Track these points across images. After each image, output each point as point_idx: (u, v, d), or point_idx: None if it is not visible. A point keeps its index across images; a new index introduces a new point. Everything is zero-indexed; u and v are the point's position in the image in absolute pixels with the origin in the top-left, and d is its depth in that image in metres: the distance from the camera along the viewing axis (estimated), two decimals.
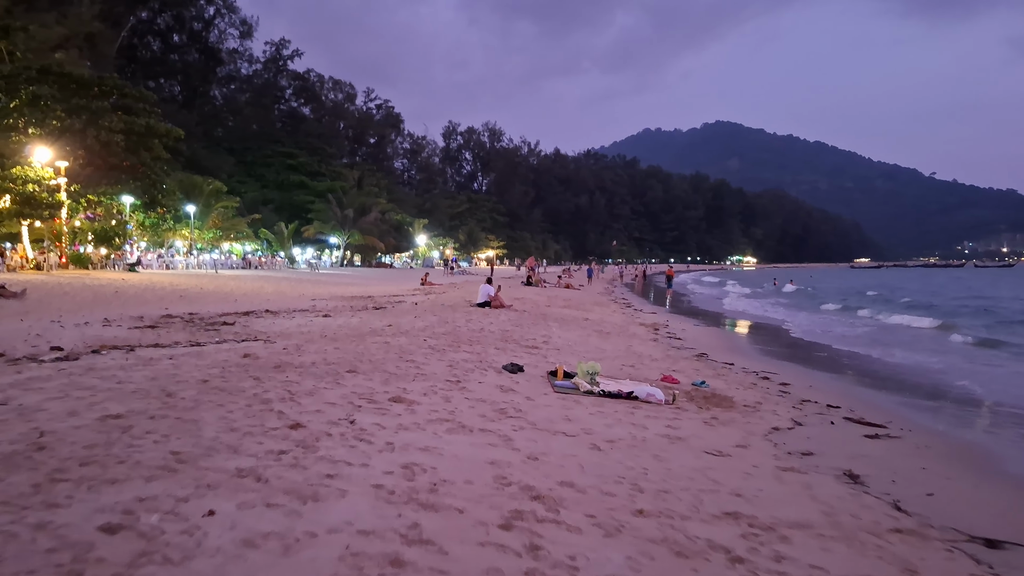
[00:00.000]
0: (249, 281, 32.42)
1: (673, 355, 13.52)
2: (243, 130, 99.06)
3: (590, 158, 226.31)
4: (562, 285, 38.87)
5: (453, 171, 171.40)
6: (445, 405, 6.67)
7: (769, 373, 12.27)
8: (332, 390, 6.81)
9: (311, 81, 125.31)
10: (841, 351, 17.50)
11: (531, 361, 10.20)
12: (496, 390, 7.72)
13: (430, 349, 10.13)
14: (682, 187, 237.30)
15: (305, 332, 12.01)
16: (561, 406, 7.27)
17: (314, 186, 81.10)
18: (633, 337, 16.34)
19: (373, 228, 77.67)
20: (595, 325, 18.01)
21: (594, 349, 12.86)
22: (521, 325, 15.47)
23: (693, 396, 8.66)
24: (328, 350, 9.58)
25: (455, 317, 15.84)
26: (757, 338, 20.60)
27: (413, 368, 8.47)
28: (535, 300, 24.98)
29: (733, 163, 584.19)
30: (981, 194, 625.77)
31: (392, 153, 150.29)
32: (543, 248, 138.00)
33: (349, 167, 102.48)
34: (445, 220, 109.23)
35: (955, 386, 12.13)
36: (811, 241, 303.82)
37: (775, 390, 10.26)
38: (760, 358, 15.41)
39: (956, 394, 11.43)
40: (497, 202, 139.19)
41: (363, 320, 14.57)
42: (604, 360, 11.38)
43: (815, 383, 11.84)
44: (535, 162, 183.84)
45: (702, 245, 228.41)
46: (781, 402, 9.12)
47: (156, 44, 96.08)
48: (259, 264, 55.56)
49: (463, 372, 8.54)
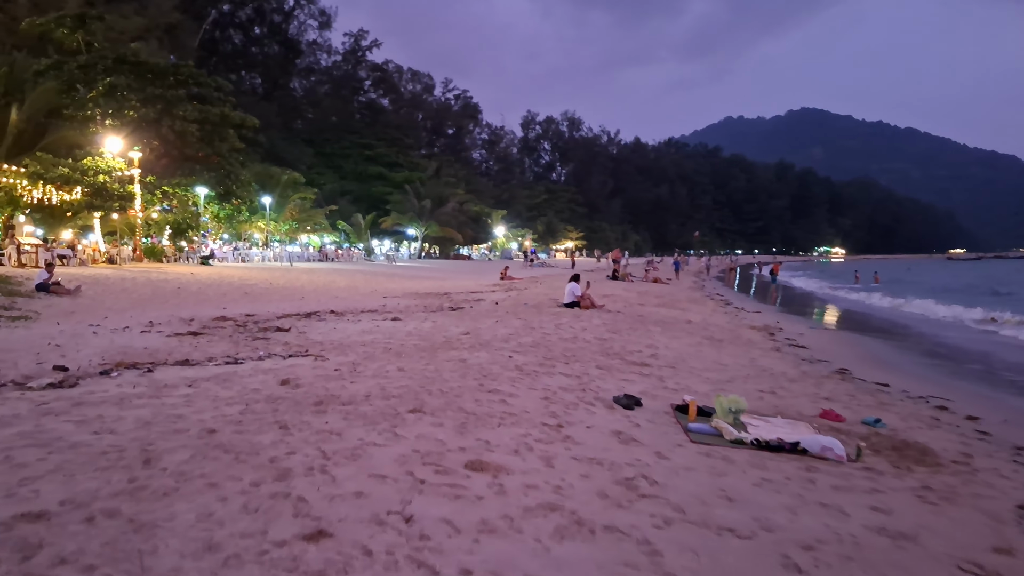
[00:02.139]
0: (322, 275, 31.05)
1: (808, 372, 11.13)
2: (322, 122, 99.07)
3: (670, 147, 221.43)
4: (650, 279, 36.42)
5: (531, 161, 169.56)
6: (546, 474, 4.57)
7: (939, 398, 9.79)
8: (386, 447, 4.79)
9: (389, 72, 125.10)
10: (994, 358, 14.79)
11: (645, 387, 8.03)
12: (613, 439, 5.60)
13: (517, 370, 8.06)
14: (765, 176, 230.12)
15: (368, 343, 10.10)
16: (709, 469, 5.10)
17: (392, 177, 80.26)
18: (751, 346, 13.96)
19: (451, 219, 76.35)
20: (701, 329, 15.67)
21: (713, 364, 10.59)
22: (619, 331, 13.28)
23: (875, 444, 6.37)
24: (390, 372, 7.61)
25: (542, 321, 13.76)
26: (890, 344, 17.91)
27: (498, 402, 6.41)
28: (626, 297, 22.71)
29: (818, 151, 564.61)
30: None
31: (470, 144, 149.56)
32: (623, 239, 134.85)
33: (427, 158, 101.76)
34: (523, 211, 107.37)
35: None
36: (901, 231, 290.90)
37: (968, 429, 7.84)
38: (911, 373, 12.87)
39: None
40: (576, 192, 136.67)
41: (437, 325, 12.61)
42: (731, 382, 9.13)
43: (1002, 411, 9.34)
44: (614, 151, 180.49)
45: (787, 236, 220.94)
46: (993, 452, 6.74)
47: (237, 37, 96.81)
48: (335, 256, 54.57)
49: (563, 408, 6.43)
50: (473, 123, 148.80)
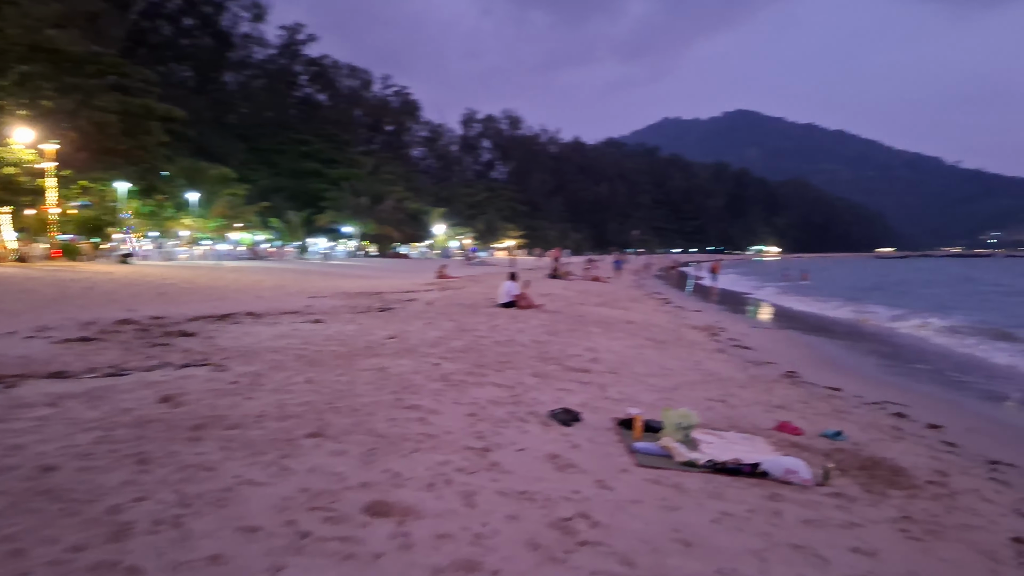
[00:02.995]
0: (250, 274, 29.66)
1: (757, 375, 10.51)
2: (256, 116, 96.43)
3: (610, 146, 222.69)
4: (590, 277, 35.83)
5: (471, 159, 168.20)
6: (466, 517, 3.73)
7: (895, 403, 9.26)
8: (267, 487, 3.88)
9: (326, 67, 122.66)
10: (939, 357, 14.48)
11: (585, 397, 7.24)
12: (547, 466, 4.78)
13: (443, 380, 7.18)
14: (703, 176, 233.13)
15: (280, 349, 9.11)
16: (659, 502, 4.31)
17: (328, 174, 78.34)
18: (695, 347, 13.34)
19: (389, 217, 74.94)
20: (643, 329, 15.01)
21: (657, 369, 9.88)
22: (558, 332, 12.51)
23: (840, 462, 5.69)
24: (296, 385, 6.67)
25: (476, 323, 12.91)
26: (833, 343, 17.55)
27: (416, 421, 5.53)
28: (566, 296, 22.00)
29: (753, 152, 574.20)
30: (1006, 183, 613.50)
31: (409, 141, 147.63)
32: (563, 238, 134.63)
33: (365, 155, 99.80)
34: (463, 209, 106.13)
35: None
36: (834, 230, 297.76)
37: (934, 440, 7.27)
38: (860, 374, 12.41)
39: None
40: (516, 191, 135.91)
41: (361, 328, 11.65)
42: (678, 389, 8.43)
43: (962, 417, 8.84)
44: (555, 150, 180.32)
45: (724, 234, 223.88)
46: (967, 469, 6.14)
47: (167, 28, 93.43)
48: (267, 255, 52.86)
49: (492, 426, 5.59)
50: (412, 120, 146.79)
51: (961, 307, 29.43)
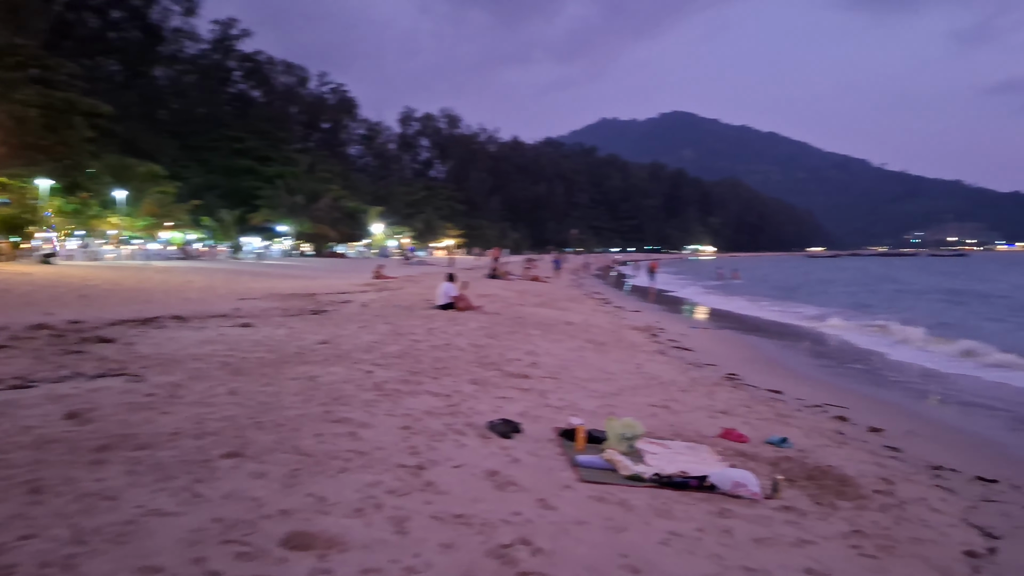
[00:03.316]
0: (180, 274, 28.68)
1: (698, 378, 10.39)
2: (188, 113, 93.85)
3: (549, 146, 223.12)
4: (529, 277, 35.64)
5: (410, 158, 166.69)
6: (396, 547, 3.40)
7: (835, 406, 9.23)
8: (174, 518, 3.49)
9: (261, 63, 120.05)
10: (874, 356, 14.66)
11: (525, 405, 6.97)
12: (486, 484, 4.48)
13: (376, 390, 6.82)
14: (640, 176, 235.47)
15: (204, 356, 8.61)
16: (605, 522, 4.05)
17: (263, 171, 76.60)
18: (635, 349, 13.21)
19: (325, 216, 73.64)
20: (583, 331, 14.83)
21: (598, 373, 9.67)
22: (497, 336, 12.22)
23: (787, 471, 5.54)
24: (218, 397, 6.23)
25: (413, 326, 12.54)
26: (770, 343, 17.67)
27: (345, 436, 5.16)
28: (505, 297, 21.74)
29: (688, 153, 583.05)
30: (929, 184, 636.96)
31: (346, 139, 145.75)
32: (502, 237, 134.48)
33: (301, 152, 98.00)
34: (401, 208, 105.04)
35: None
36: (766, 230, 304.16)
37: (876, 445, 7.20)
38: (798, 375, 12.44)
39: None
40: (455, 190, 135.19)
41: (292, 332, 11.18)
42: (620, 395, 8.23)
43: (900, 419, 8.84)
44: (493, 149, 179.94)
45: (660, 234, 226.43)
46: (911, 475, 6.05)
47: (93, 20, 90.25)
48: (199, 254, 51.38)
49: (427, 440, 5.26)
50: (349, 118, 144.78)
51: (881, 306, 30.21)
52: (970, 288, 45.60)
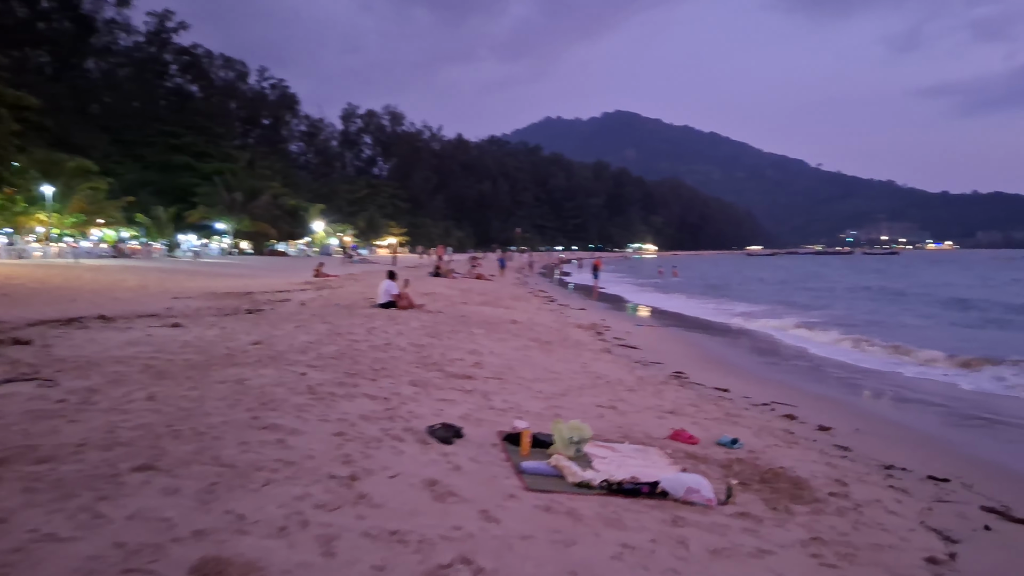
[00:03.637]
0: (111, 273, 27.63)
1: (645, 377, 10.21)
2: (122, 107, 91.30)
3: (493, 144, 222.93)
4: (474, 275, 35.33)
5: (352, 155, 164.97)
6: (323, 572, 3.06)
7: (783, 404, 9.13)
8: (67, 544, 3.08)
9: (199, 57, 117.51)
10: (815, 356, 14.70)
11: (468, 408, 6.66)
12: (424, 495, 4.15)
13: (309, 393, 6.42)
14: (584, 175, 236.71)
15: (126, 359, 8.08)
16: (552, 535, 3.76)
17: (200, 168, 74.77)
18: (580, 347, 12.99)
19: (265, 213, 72.17)
20: (528, 330, 14.58)
21: (544, 373, 9.41)
22: (439, 335, 11.88)
23: (740, 474, 5.34)
24: (135, 403, 5.77)
25: (352, 325, 12.11)
26: (713, 340, 17.66)
27: (273, 444, 4.77)
28: (448, 296, 21.38)
29: (631, 152, 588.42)
30: (862, 184, 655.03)
31: (287, 136, 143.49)
32: (446, 235, 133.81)
33: (240, 149, 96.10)
34: (344, 206, 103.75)
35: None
36: (707, 229, 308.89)
37: (826, 444, 7.08)
38: (743, 372, 12.37)
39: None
40: (398, 187, 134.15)
41: (224, 333, 10.66)
42: (566, 395, 7.97)
43: (847, 416, 8.76)
44: (437, 147, 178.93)
45: (604, 233, 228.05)
46: (864, 475, 5.91)
47: (21, 10, 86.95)
48: (132, 253, 49.77)
49: (362, 447, 4.91)
50: (291, 114, 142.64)
51: (812, 304, 30.74)
52: (894, 286, 46.68)
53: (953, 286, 45.82)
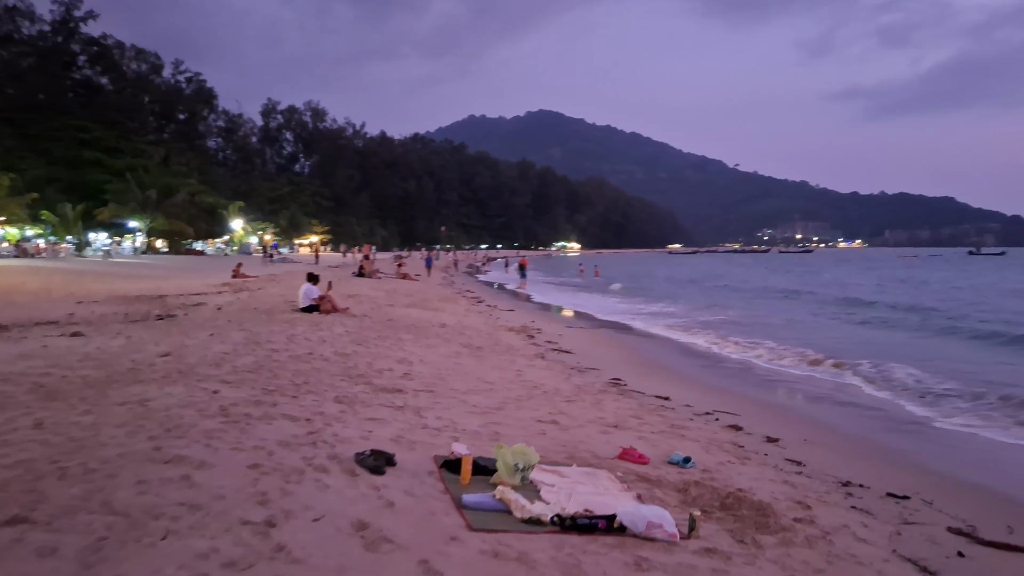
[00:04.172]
0: (12, 275, 25.93)
1: (583, 385, 9.80)
2: (26, 99, 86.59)
3: (417, 142, 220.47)
4: (399, 275, 34.56)
5: (273, 152, 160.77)
6: None
7: (725, 412, 8.84)
8: None
9: (109, 47, 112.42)
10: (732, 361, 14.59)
11: (400, 427, 6.10)
12: (353, 543, 3.59)
13: (222, 415, 5.75)
14: (509, 174, 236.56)
15: (12, 376, 7.22)
16: None
17: (111, 164, 71.57)
18: (513, 353, 12.53)
19: (180, 211, 69.59)
20: (458, 334, 14.05)
21: (477, 383, 8.90)
22: (365, 342, 11.26)
23: (698, 499, 4.94)
24: (17, 433, 5.02)
25: (271, 332, 11.37)
26: (644, 343, 17.42)
27: (177, 482, 4.12)
28: (373, 297, 20.69)
29: (556, 151, 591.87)
30: (778, 185, 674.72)
31: (205, 131, 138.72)
32: (370, 234, 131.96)
33: (154, 144, 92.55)
34: (264, 204, 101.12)
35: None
36: (631, 228, 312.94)
37: (779, 459, 6.76)
38: (680, 377, 12.09)
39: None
40: (321, 185, 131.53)
41: (130, 343, 9.81)
42: (503, 409, 7.49)
43: (790, 424, 8.52)
44: (361, 145, 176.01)
45: (529, 231, 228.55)
46: (824, 495, 5.59)
47: None
48: (37, 252, 47.25)
49: (281, 482, 4.30)
50: (208, 109, 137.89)
51: (728, 304, 31.10)
52: (790, 286, 47.31)
53: (849, 285, 47.55)
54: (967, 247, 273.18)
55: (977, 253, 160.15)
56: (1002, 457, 7.73)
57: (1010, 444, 8.20)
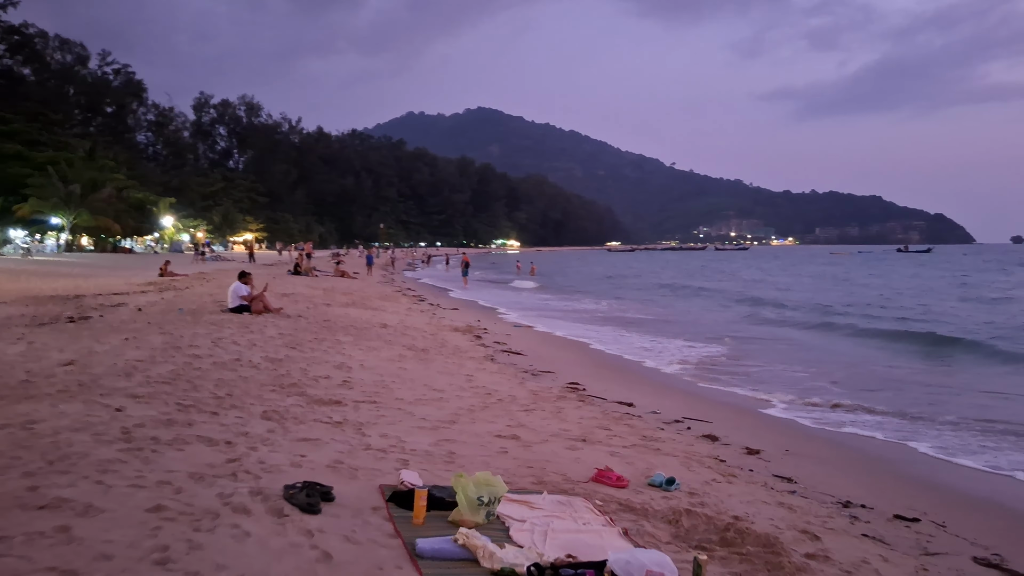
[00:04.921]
0: None
1: (539, 391, 9.03)
2: None
3: (355, 138, 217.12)
4: (338, 273, 33.38)
5: (206, 147, 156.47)
6: None
7: (694, 419, 8.18)
8: None
9: (30, 36, 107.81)
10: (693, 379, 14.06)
11: (338, 449, 5.23)
12: None
13: (123, 440, 4.80)
14: (448, 170, 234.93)
15: None
16: None
17: (32, 157, 68.13)
18: (461, 355, 11.71)
19: (107, 207, 66.73)
20: (400, 335, 13.17)
21: (425, 390, 8.06)
22: (300, 345, 10.31)
23: (695, 533, 4.21)
24: None
25: (195, 335, 10.32)
26: (591, 339, 16.76)
27: (52, 536, 3.20)
28: (310, 296, 19.63)
29: (494, 148, 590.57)
30: (713, 183, 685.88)
31: (134, 125, 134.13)
32: (307, 231, 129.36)
33: (80, 138, 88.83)
34: (197, 200, 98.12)
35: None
36: (570, 225, 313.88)
37: (765, 475, 6.12)
38: (638, 379, 11.42)
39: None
40: (256, 181, 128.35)
41: (31, 349, 8.69)
42: (456, 423, 6.67)
43: (762, 430, 7.91)
44: (297, 140, 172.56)
45: (469, 228, 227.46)
46: (827, 519, 4.93)
47: None
48: None
49: (188, 532, 3.42)
50: (137, 102, 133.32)
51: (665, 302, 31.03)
52: (696, 283, 47.58)
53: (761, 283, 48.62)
54: (894, 244, 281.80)
55: (905, 251, 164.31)
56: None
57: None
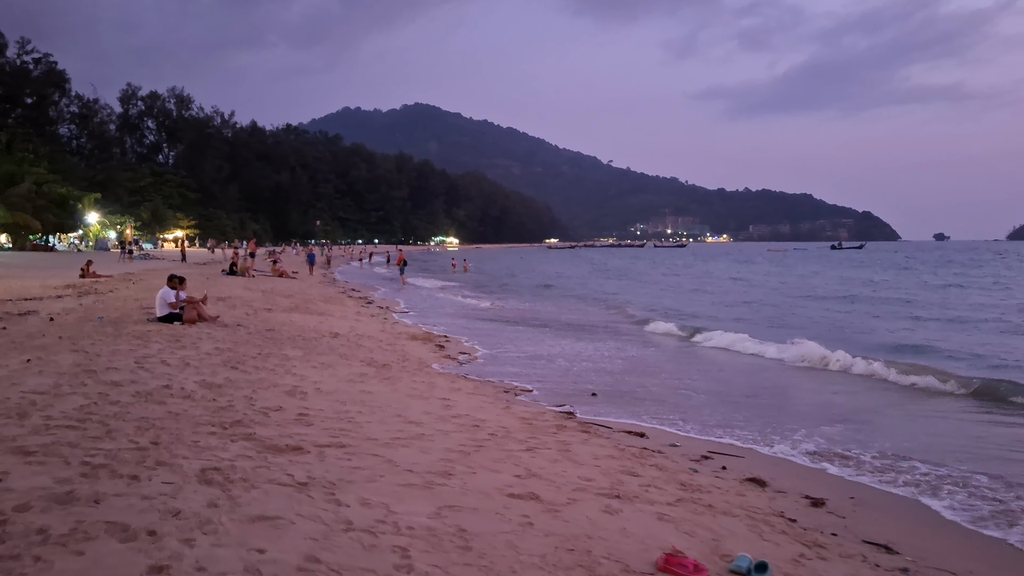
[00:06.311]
0: None
1: (527, 418, 7.67)
2: None
3: (290, 133, 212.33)
4: (277, 273, 31.45)
5: (134, 141, 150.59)
6: None
7: (724, 454, 6.90)
8: None
9: None
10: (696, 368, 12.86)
11: (307, 532, 3.74)
12: None
13: (11, 509, 3.28)
14: (386, 167, 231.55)
15: None
16: None
17: None
18: (428, 372, 10.27)
19: (25, 203, 63.03)
20: (355, 347, 11.65)
21: (399, 423, 6.61)
22: (242, 363, 8.73)
23: None
24: None
25: (115, 353, 8.65)
26: (574, 347, 15.46)
27: None
28: (249, 300, 17.89)
29: (432, 145, 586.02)
30: (649, 181, 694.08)
31: (56, 117, 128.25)
32: (241, 227, 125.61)
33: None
34: (124, 195, 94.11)
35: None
36: (508, 222, 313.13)
37: (850, 537, 4.82)
38: (634, 398, 10.09)
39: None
40: (187, 177, 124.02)
41: None
42: (452, 474, 5.26)
43: (807, 472, 6.68)
44: (230, 135, 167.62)
45: (407, 225, 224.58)
46: None
47: None
48: None
49: None
50: (60, 93, 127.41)
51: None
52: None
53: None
54: (825, 241, 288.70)
55: (839, 248, 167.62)
56: None
57: None
